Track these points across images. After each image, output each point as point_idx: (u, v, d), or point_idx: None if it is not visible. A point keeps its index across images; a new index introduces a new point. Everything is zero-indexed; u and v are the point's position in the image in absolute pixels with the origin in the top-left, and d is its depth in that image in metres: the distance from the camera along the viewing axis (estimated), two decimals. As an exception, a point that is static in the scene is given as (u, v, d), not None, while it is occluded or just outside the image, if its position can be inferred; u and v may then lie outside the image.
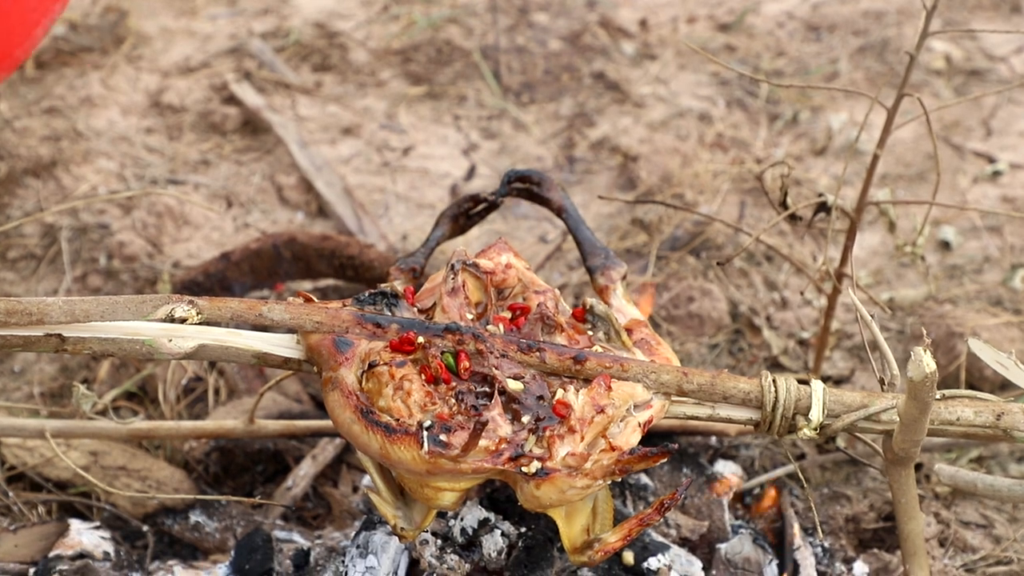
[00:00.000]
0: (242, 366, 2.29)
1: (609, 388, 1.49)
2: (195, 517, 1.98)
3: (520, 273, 1.66)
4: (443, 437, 1.42)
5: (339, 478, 2.09)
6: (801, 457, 2.09)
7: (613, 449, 1.46)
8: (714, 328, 2.36)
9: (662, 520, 1.83)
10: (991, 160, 2.96)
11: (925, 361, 1.37)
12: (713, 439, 2.08)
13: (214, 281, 2.30)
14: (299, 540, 1.91)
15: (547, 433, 1.46)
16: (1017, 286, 2.47)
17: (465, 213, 1.85)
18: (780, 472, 2.02)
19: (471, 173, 2.92)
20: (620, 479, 1.51)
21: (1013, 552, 1.88)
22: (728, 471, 2.00)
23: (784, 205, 1.92)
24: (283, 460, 2.13)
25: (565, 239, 2.58)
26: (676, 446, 1.44)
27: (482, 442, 1.43)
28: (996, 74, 3.30)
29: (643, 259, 2.54)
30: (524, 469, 1.44)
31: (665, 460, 1.46)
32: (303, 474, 2.07)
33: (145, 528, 1.96)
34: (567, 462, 1.44)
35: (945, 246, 2.65)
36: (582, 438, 1.46)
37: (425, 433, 1.42)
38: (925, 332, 1.46)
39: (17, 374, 2.33)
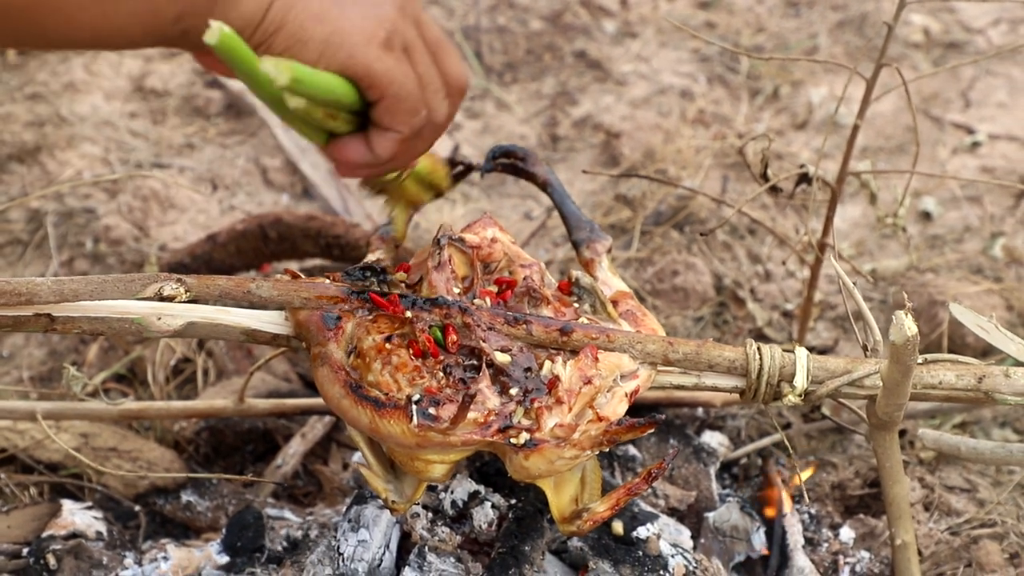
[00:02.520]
0: (230, 346, 2.30)
1: (596, 359, 1.51)
2: (187, 496, 1.99)
3: (506, 247, 1.67)
4: (432, 410, 1.44)
5: (329, 456, 2.11)
6: (787, 427, 2.11)
7: (600, 420, 1.48)
8: (699, 301, 2.38)
9: (650, 490, 1.85)
10: (970, 131, 2.99)
11: (907, 324, 1.39)
12: (699, 410, 2.10)
13: (200, 263, 2.31)
14: (290, 517, 1.92)
15: (535, 405, 1.47)
16: (997, 254, 2.49)
17: None
18: (766, 442, 2.04)
19: (455, 152, 2.92)
20: (608, 450, 1.53)
21: (997, 515, 1.91)
22: (715, 442, 2.03)
23: (765, 177, 1.93)
24: (272, 439, 2.14)
25: (550, 216, 2.60)
26: (663, 417, 1.46)
27: (471, 415, 1.44)
28: (974, 46, 3.33)
29: (627, 234, 2.56)
30: (513, 440, 1.45)
31: (652, 431, 1.48)
32: (293, 452, 2.09)
33: (137, 508, 1.97)
34: (555, 433, 1.46)
35: (926, 216, 2.67)
36: (570, 409, 1.47)
37: (414, 407, 1.43)
38: (907, 297, 1.47)
39: (6, 359, 2.34)
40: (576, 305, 1.63)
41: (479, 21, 3.33)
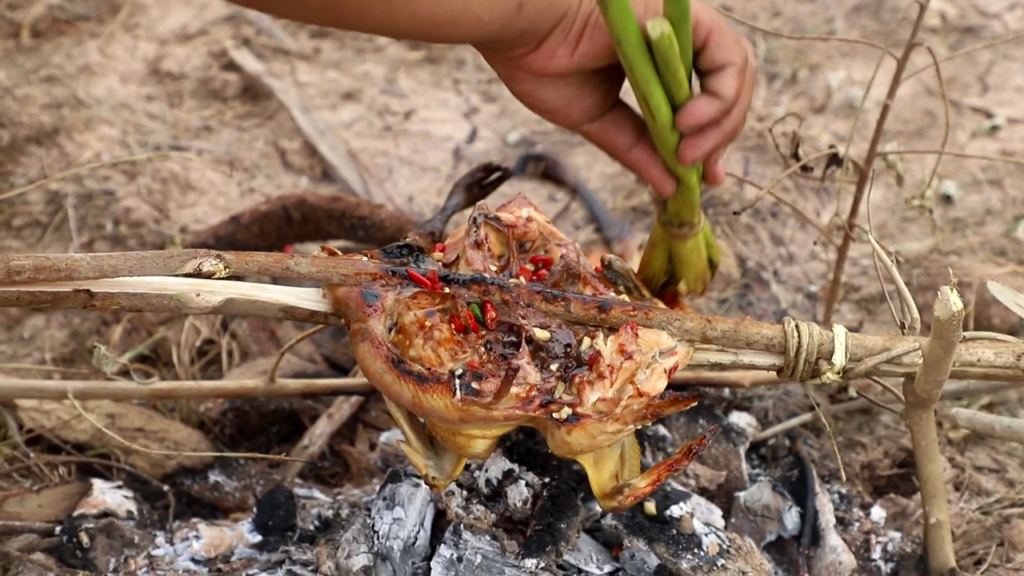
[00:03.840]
0: (253, 328, 2.30)
1: (636, 335, 1.51)
2: (214, 477, 1.99)
3: (541, 226, 1.67)
4: (475, 385, 1.44)
5: (355, 436, 2.11)
6: (813, 407, 2.11)
7: (641, 395, 1.48)
8: (723, 283, 2.37)
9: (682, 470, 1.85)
10: (988, 115, 2.98)
11: (952, 300, 1.39)
12: (726, 391, 2.10)
13: (224, 244, 2.30)
14: (320, 497, 1.92)
15: (576, 380, 1.47)
16: (1020, 236, 2.49)
17: (479, 182, 1.87)
18: (794, 422, 2.04)
19: (473, 136, 2.92)
20: (649, 424, 1.53)
21: (1027, 495, 1.91)
22: (743, 422, 2.02)
23: (796, 157, 1.93)
24: (298, 420, 2.14)
25: (574, 197, 2.60)
26: (707, 390, 1.46)
27: (513, 390, 1.44)
28: (990, 31, 3.32)
29: (649, 216, 2.55)
30: (555, 415, 1.45)
31: (695, 404, 1.48)
32: (319, 433, 2.08)
33: (165, 488, 1.97)
34: (597, 407, 1.46)
35: (947, 200, 2.67)
36: (611, 384, 1.47)
37: (457, 381, 1.43)
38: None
39: (27, 340, 2.34)
40: (615, 285, 1.63)
41: (495, 5, 3.32)
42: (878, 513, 1.89)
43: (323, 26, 2.01)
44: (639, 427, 1.49)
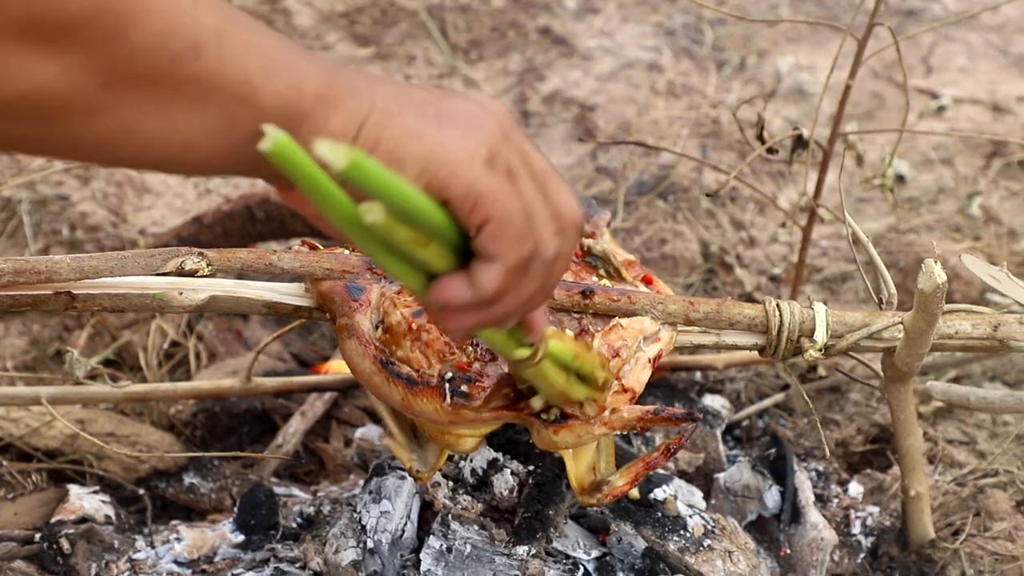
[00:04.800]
0: (219, 329, 2.28)
1: (623, 328, 1.51)
2: (189, 479, 1.97)
3: (518, 213, 1.67)
4: (464, 388, 1.43)
5: (329, 433, 2.10)
6: (785, 387, 2.13)
7: (625, 390, 1.48)
8: (688, 268, 2.39)
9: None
10: (934, 96, 3.03)
11: (936, 272, 1.41)
12: (698, 374, 2.11)
13: (188, 245, 2.28)
14: (299, 494, 1.91)
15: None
16: (975, 212, 2.53)
17: None
18: (768, 403, 2.06)
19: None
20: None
21: (998, 465, 1.94)
22: (717, 404, 2.04)
23: (761, 139, 1.95)
24: (270, 420, 2.13)
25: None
26: (701, 416, 1.47)
27: (501, 389, 1.44)
28: (930, 13, 3.37)
29: (610, 205, 2.57)
30: (544, 416, 1.45)
31: (691, 423, 1.47)
32: (293, 431, 2.07)
33: (141, 492, 1.95)
34: (585, 411, 1.46)
35: (900, 179, 2.70)
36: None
37: (447, 385, 1.42)
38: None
39: (-13, 349, 2.31)
40: (596, 270, 1.63)
41: (443, 0, 3.32)
42: (855, 489, 1.92)
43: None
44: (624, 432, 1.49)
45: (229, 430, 2.13)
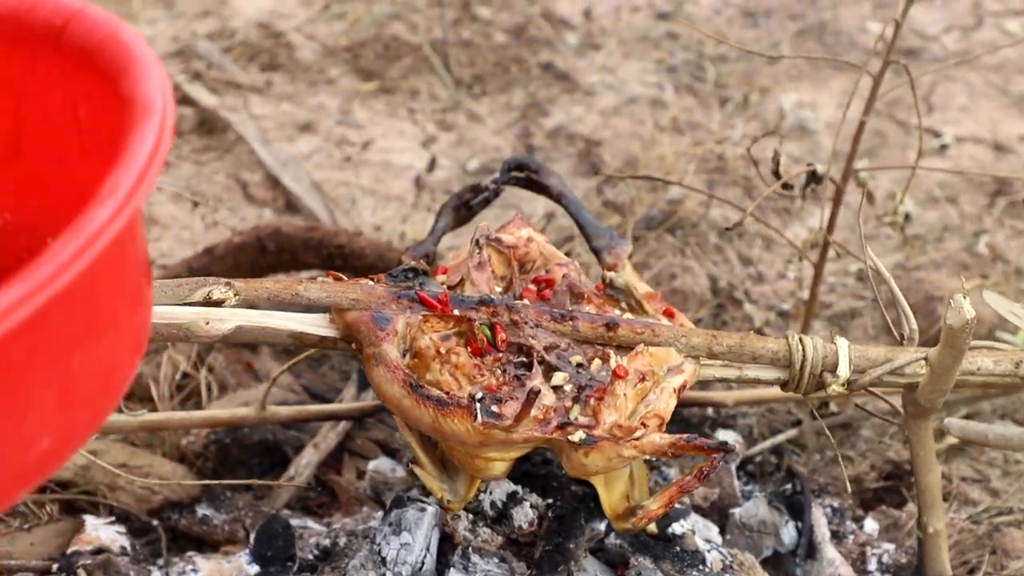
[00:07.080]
0: (230, 360, 2.28)
1: (649, 354, 1.52)
2: (202, 510, 1.96)
3: (541, 247, 1.68)
4: (495, 408, 1.44)
5: (342, 466, 2.09)
6: (797, 423, 2.13)
7: (656, 415, 1.49)
8: (697, 303, 2.40)
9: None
10: (936, 135, 3.05)
11: (965, 308, 1.42)
12: (709, 410, 2.12)
13: (200, 276, 2.28)
14: (314, 526, 1.91)
15: (591, 401, 1.48)
16: (981, 251, 2.55)
17: (466, 204, 1.87)
18: (781, 438, 2.06)
19: (432, 164, 2.93)
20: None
21: (1013, 503, 1.95)
22: (730, 439, 2.04)
23: (777, 175, 1.96)
24: (282, 452, 2.12)
25: (549, 223, 2.61)
26: (735, 447, 1.48)
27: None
28: (930, 52, 3.40)
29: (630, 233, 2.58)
30: (572, 438, 1.46)
31: (721, 454, 1.48)
32: (305, 463, 2.07)
33: (154, 523, 1.94)
34: (614, 432, 1.46)
35: (906, 217, 2.72)
36: (626, 406, 1.48)
37: (478, 405, 1.43)
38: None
39: (-4, 380, 2.29)
40: (618, 303, 1.64)
41: (445, 35, 3.33)
42: (871, 525, 1.92)
43: None
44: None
45: (240, 462, 2.12)
